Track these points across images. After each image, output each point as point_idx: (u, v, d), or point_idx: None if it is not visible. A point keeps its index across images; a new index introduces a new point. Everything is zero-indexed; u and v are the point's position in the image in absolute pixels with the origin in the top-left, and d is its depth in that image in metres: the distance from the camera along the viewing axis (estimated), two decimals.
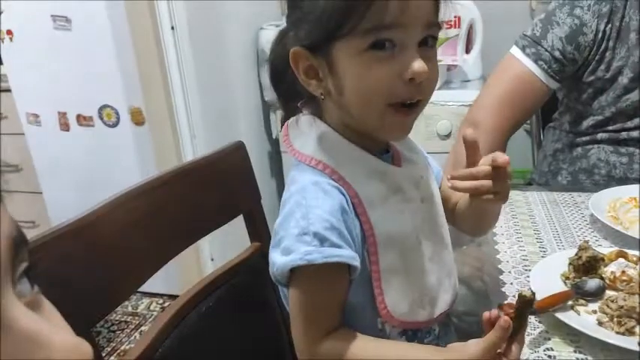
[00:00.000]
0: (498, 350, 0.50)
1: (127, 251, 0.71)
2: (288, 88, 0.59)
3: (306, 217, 0.51)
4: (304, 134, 0.58)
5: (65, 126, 1.97)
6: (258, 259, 0.95)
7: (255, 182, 0.99)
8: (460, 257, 0.69)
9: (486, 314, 0.51)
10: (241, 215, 0.95)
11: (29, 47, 1.85)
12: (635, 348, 0.55)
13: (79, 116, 1.94)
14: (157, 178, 0.80)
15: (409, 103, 0.52)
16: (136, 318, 1.96)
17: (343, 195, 0.53)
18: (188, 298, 0.81)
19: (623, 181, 1.01)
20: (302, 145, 0.57)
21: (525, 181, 1.32)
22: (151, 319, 1.92)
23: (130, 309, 2.00)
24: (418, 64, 0.49)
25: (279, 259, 0.52)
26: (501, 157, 0.54)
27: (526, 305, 0.52)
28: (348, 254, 0.51)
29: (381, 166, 0.57)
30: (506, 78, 1.06)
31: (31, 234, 0.57)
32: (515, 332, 0.51)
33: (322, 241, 0.50)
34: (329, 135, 0.56)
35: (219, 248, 1.72)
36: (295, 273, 0.53)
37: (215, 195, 0.90)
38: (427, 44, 0.52)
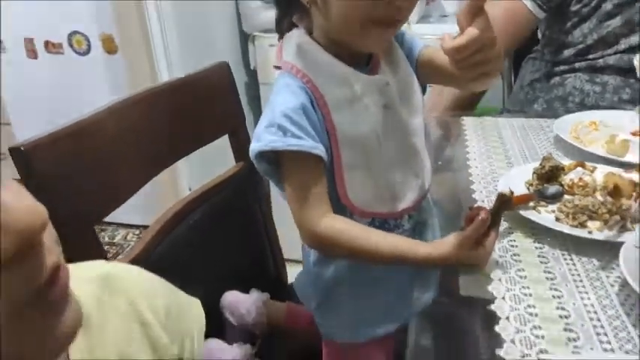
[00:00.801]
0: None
1: (118, 159, 0.74)
2: None
3: (274, 112, 0.59)
4: (290, 44, 0.63)
5: (32, 53, 1.90)
6: (243, 176, 1.00)
7: (239, 102, 1.01)
8: (435, 180, 0.75)
9: (467, 213, 0.58)
10: (220, 147, 0.98)
11: None
12: (586, 236, 0.63)
13: (47, 43, 1.87)
14: (140, 93, 0.81)
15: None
16: (114, 247, 1.99)
17: (309, 95, 0.60)
18: (175, 212, 0.85)
19: (595, 109, 1.06)
20: (286, 54, 0.63)
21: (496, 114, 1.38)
22: (128, 249, 1.96)
23: (107, 239, 2.03)
24: None
25: (251, 146, 0.60)
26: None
27: (504, 203, 0.59)
28: (307, 144, 0.58)
29: (350, 73, 0.62)
30: (496, 8, 1.09)
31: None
32: (492, 226, 0.58)
33: (285, 132, 0.57)
34: (307, 44, 0.62)
35: (197, 178, 1.74)
36: (280, 168, 0.61)
37: (200, 113, 0.92)
38: None
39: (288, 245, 1.09)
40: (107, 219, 0.71)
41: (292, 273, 1.00)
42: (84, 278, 0.41)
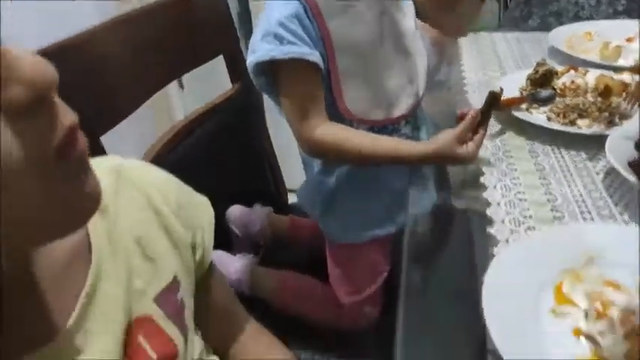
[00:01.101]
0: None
1: (117, 72, 0.74)
2: None
3: (269, 22, 0.59)
4: None
5: None
6: (239, 98, 1.00)
7: (232, 23, 1.00)
8: (431, 97, 0.76)
9: (458, 113, 0.59)
10: (214, 78, 0.98)
11: None
12: (575, 131, 0.66)
13: None
14: (133, 11, 0.80)
15: None
16: None
17: (303, 4, 0.60)
18: (173, 134, 0.86)
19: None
20: None
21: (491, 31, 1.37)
22: None
23: None
24: None
25: (248, 59, 0.60)
26: None
27: (494, 100, 0.61)
28: (304, 51, 0.58)
29: None
30: None
31: None
32: (481, 123, 0.61)
33: (281, 40, 0.58)
34: None
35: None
36: (277, 79, 0.61)
37: (194, 31, 0.91)
38: None
39: (287, 175, 1.11)
40: None
41: (292, 199, 1.03)
42: (99, 169, 0.43)
